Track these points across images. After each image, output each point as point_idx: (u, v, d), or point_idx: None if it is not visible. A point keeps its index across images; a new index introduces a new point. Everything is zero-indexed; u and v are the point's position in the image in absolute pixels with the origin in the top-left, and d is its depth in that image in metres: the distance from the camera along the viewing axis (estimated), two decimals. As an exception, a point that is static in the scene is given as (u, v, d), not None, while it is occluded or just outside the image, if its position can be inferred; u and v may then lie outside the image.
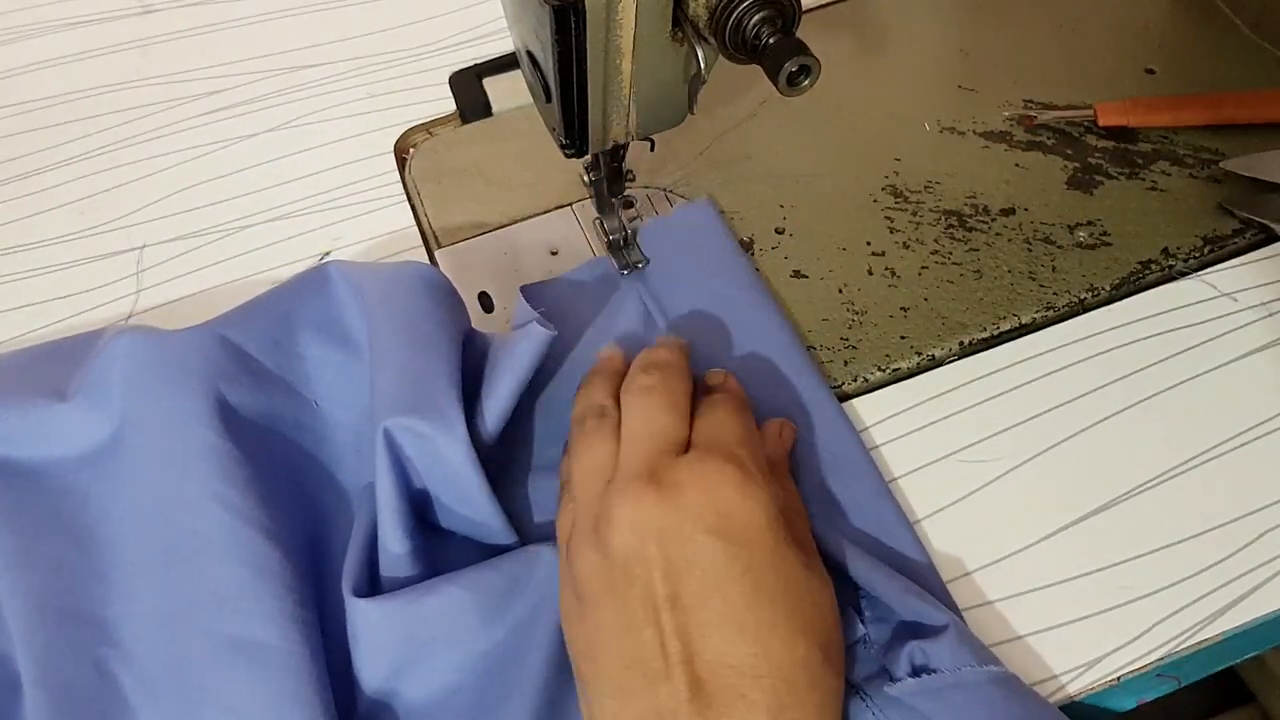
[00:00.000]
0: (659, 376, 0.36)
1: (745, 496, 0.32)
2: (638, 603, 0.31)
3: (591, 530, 0.33)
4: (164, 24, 0.58)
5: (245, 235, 0.49)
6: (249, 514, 0.36)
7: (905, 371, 0.43)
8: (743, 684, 0.29)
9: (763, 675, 0.29)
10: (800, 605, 0.31)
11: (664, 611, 0.30)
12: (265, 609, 0.34)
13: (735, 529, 0.31)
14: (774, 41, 0.31)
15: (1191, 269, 0.46)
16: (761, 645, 0.30)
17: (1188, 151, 0.50)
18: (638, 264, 0.45)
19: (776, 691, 0.29)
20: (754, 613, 0.30)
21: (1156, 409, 0.41)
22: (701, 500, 0.31)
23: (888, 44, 0.56)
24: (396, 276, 0.40)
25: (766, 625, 0.30)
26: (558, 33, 0.33)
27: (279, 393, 0.40)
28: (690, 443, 0.34)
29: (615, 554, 0.31)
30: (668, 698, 0.29)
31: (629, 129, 0.39)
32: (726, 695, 0.29)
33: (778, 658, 0.30)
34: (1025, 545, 0.38)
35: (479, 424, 0.37)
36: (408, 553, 0.36)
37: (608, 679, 0.31)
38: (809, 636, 0.31)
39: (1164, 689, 0.37)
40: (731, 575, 0.30)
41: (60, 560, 0.37)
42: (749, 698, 0.29)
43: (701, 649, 0.30)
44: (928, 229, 0.48)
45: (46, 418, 0.38)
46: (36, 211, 0.50)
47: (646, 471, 0.32)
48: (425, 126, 0.53)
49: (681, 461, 0.33)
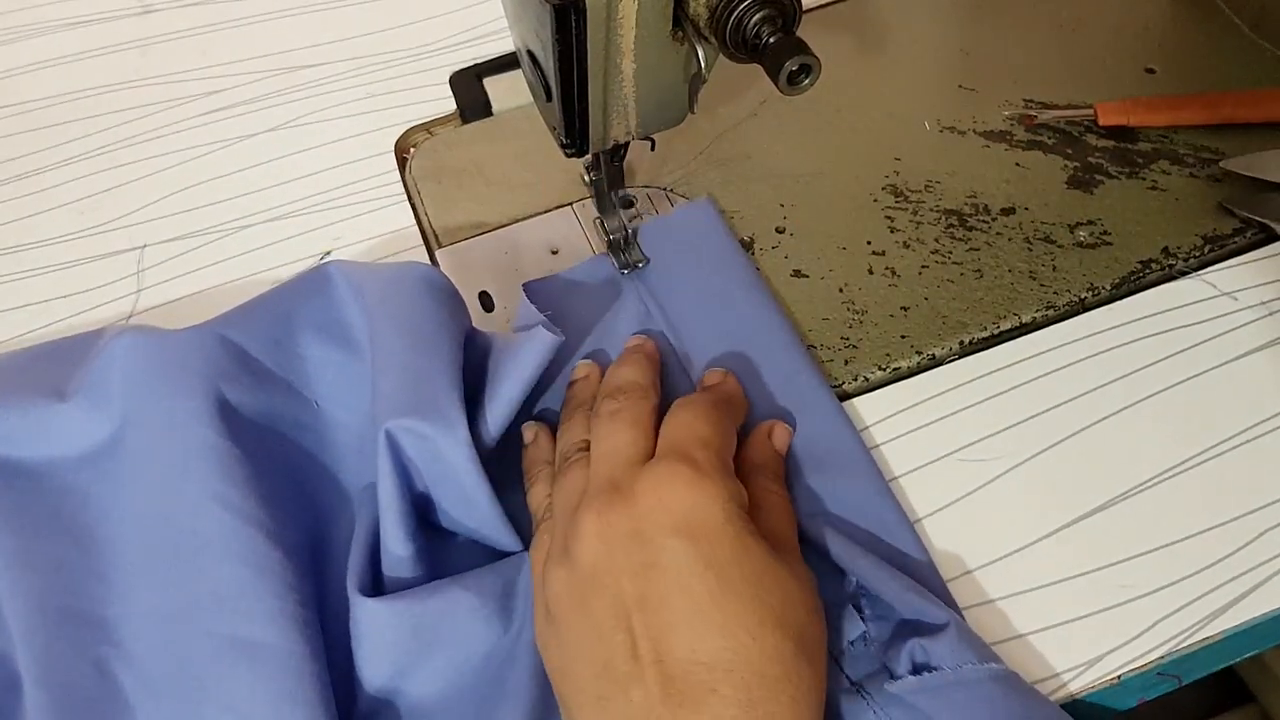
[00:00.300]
0: (623, 400, 0.37)
1: (698, 492, 0.32)
2: (607, 610, 0.31)
3: (562, 550, 0.33)
4: (164, 24, 0.58)
5: (245, 235, 0.49)
6: (249, 513, 0.36)
7: (905, 371, 0.43)
8: (714, 679, 0.29)
9: (733, 669, 0.30)
10: (767, 597, 0.31)
11: (633, 614, 0.31)
12: (265, 608, 0.34)
13: (694, 526, 0.32)
14: (774, 41, 0.31)
15: (1192, 268, 0.46)
16: (730, 639, 0.30)
17: (1188, 151, 0.50)
18: (638, 264, 0.45)
19: (748, 685, 0.29)
20: (720, 607, 0.30)
21: (1156, 408, 0.41)
22: (658, 503, 0.32)
23: (888, 44, 0.56)
24: (398, 277, 0.40)
25: (733, 618, 0.30)
26: (558, 32, 0.33)
27: (279, 392, 0.40)
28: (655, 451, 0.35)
29: (583, 566, 0.32)
30: (641, 699, 0.30)
31: (629, 128, 0.39)
32: (698, 691, 0.29)
33: (746, 650, 0.30)
34: (1025, 544, 0.38)
35: (481, 427, 0.37)
36: (410, 555, 0.36)
37: (582, 690, 0.31)
38: (779, 628, 0.31)
39: (1164, 688, 0.37)
40: (694, 571, 0.31)
41: (60, 560, 0.37)
42: (720, 692, 0.29)
43: (671, 647, 0.30)
44: (928, 228, 0.48)
45: (47, 418, 0.38)
46: (36, 211, 0.50)
47: (610, 485, 0.33)
48: (425, 126, 0.53)
49: (642, 470, 0.34)
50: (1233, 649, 0.37)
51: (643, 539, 0.32)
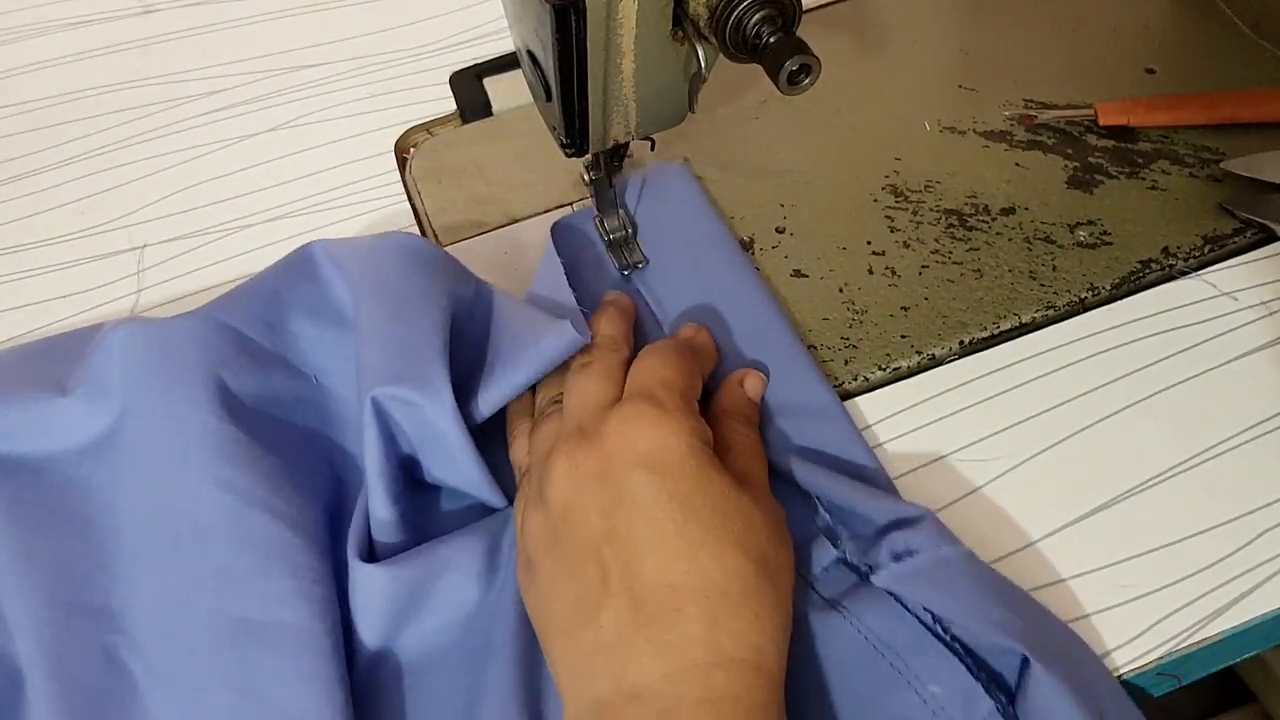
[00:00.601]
0: (594, 353, 0.39)
1: (661, 429, 0.34)
2: (578, 546, 0.33)
3: (537, 495, 0.35)
4: (164, 24, 0.58)
5: (245, 235, 0.49)
6: (256, 496, 0.36)
7: (906, 370, 0.43)
8: (679, 600, 0.31)
9: (696, 589, 0.31)
10: (728, 523, 0.32)
11: (603, 548, 0.32)
12: (278, 590, 0.35)
13: (658, 460, 0.33)
14: (774, 40, 0.31)
15: (1192, 268, 0.46)
16: (693, 561, 0.31)
17: (1188, 151, 0.50)
18: (638, 264, 0.45)
19: (711, 603, 0.31)
20: (683, 534, 0.32)
21: (1157, 408, 0.41)
22: (623, 441, 0.34)
23: (888, 44, 0.56)
24: (379, 247, 0.40)
25: (696, 543, 0.32)
26: (558, 32, 0.33)
27: (278, 371, 0.40)
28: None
29: (555, 508, 0.34)
30: (612, 621, 0.31)
31: (629, 128, 0.39)
32: (664, 611, 0.31)
33: (708, 571, 0.31)
34: (1025, 544, 0.38)
35: (476, 402, 0.38)
36: (394, 519, 0.37)
37: (558, 623, 0.33)
38: (740, 550, 0.32)
39: (1164, 688, 0.37)
40: (659, 503, 0.32)
41: (65, 553, 0.37)
42: (686, 611, 0.31)
43: (640, 573, 0.32)
44: (928, 228, 0.48)
45: (48, 412, 0.39)
46: (36, 211, 0.50)
47: (579, 430, 0.35)
48: (425, 126, 0.53)
49: (608, 413, 0.35)
50: (1233, 649, 0.37)
51: (609, 476, 0.33)
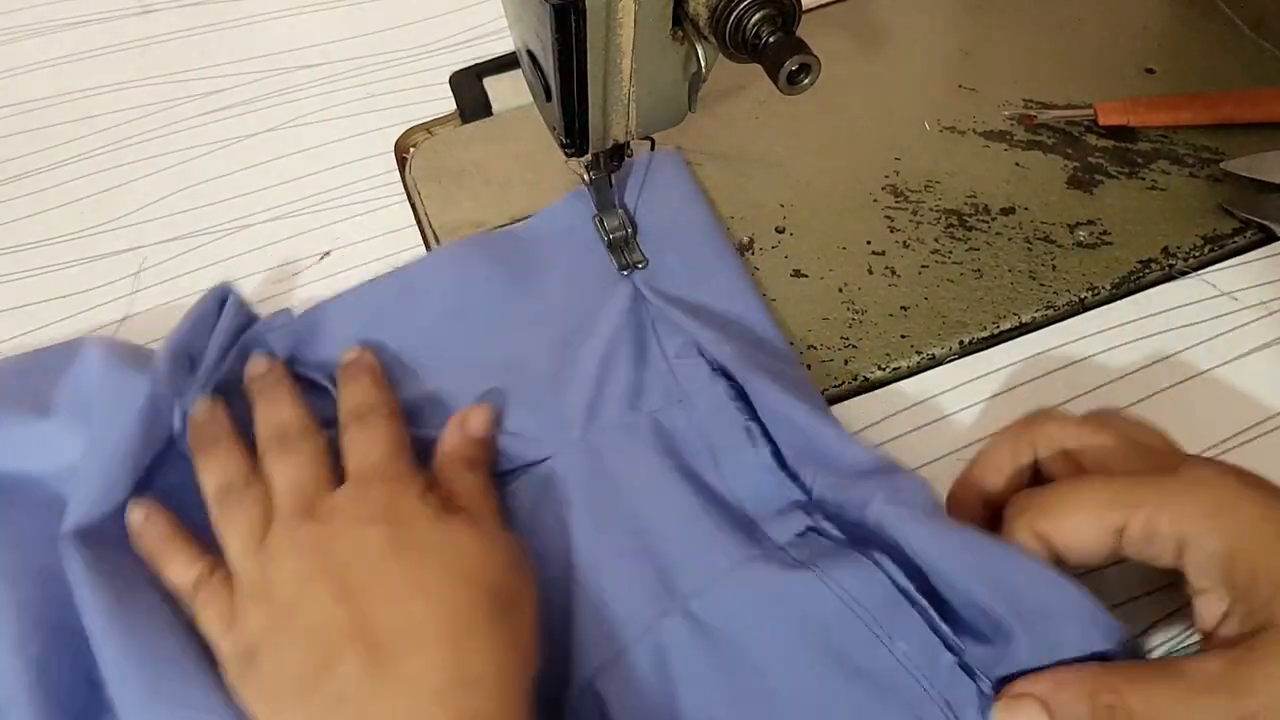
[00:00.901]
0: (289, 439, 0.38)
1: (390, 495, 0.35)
2: (309, 615, 0.33)
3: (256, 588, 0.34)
4: (164, 24, 0.58)
5: (245, 235, 0.49)
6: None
7: (905, 370, 0.43)
8: (417, 636, 0.32)
9: (431, 622, 0.32)
10: (460, 561, 0.34)
11: (335, 608, 0.32)
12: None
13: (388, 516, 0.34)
14: (774, 40, 0.31)
15: (1191, 268, 0.46)
16: (427, 599, 0.32)
17: (1188, 151, 0.50)
18: (638, 264, 0.45)
19: (449, 632, 0.32)
20: (411, 577, 0.33)
21: (1156, 408, 0.41)
22: (354, 511, 0.35)
23: (888, 44, 0.56)
24: None
25: (428, 584, 0.33)
26: (558, 32, 0.33)
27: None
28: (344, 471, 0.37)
29: (283, 589, 0.33)
30: (352, 669, 0.31)
31: (629, 128, 0.39)
32: (403, 648, 0.31)
33: (442, 605, 0.32)
34: (1026, 544, 0.38)
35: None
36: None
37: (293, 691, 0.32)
38: (471, 583, 0.33)
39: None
40: (387, 554, 0.33)
41: (49, 573, 0.36)
42: (424, 644, 0.31)
43: (375, 621, 0.32)
44: (928, 228, 0.48)
45: (30, 433, 0.39)
46: (36, 211, 0.50)
47: (302, 512, 0.35)
48: (425, 126, 0.53)
49: (332, 495, 0.36)
50: (1233, 649, 0.37)
51: (338, 542, 0.34)
